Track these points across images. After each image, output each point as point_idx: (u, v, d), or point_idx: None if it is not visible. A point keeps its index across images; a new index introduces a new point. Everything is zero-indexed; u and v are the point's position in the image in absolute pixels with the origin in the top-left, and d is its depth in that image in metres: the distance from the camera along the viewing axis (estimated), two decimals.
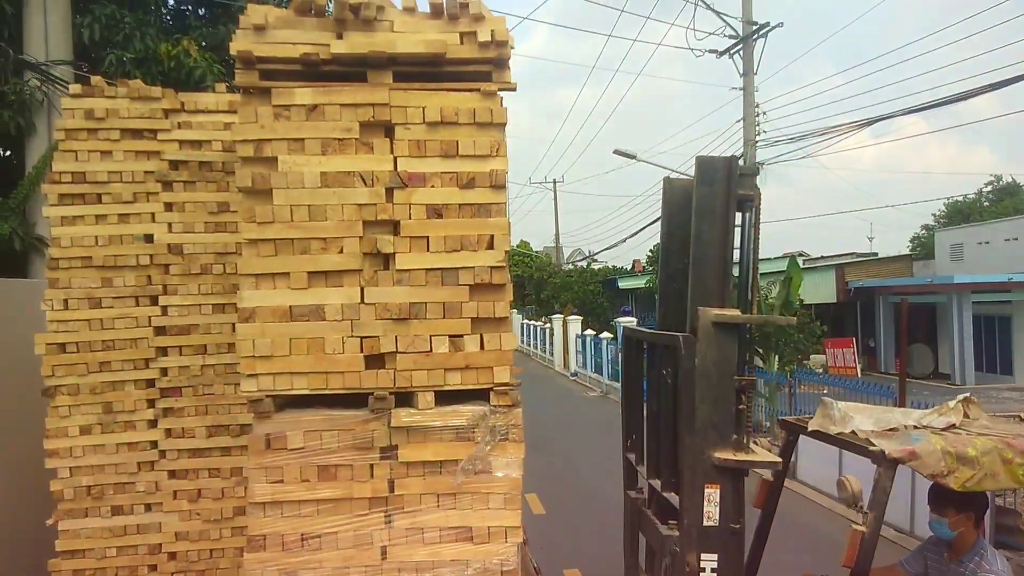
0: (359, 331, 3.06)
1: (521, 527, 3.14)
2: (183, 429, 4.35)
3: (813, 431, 3.44)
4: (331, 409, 3.08)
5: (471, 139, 3.14)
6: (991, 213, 36.93)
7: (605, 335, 22.58)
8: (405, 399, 3.10)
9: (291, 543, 3.00)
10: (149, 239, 4.37)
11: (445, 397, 3.12)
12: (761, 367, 14.71)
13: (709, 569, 3.31)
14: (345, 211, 3.06)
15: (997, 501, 7.05)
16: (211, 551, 4.36)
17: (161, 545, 4.32)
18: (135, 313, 4.32)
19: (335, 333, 3.05)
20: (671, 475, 3.55)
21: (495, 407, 3.11)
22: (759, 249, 3.64)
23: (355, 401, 3.08)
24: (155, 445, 4.33)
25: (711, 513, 3.32)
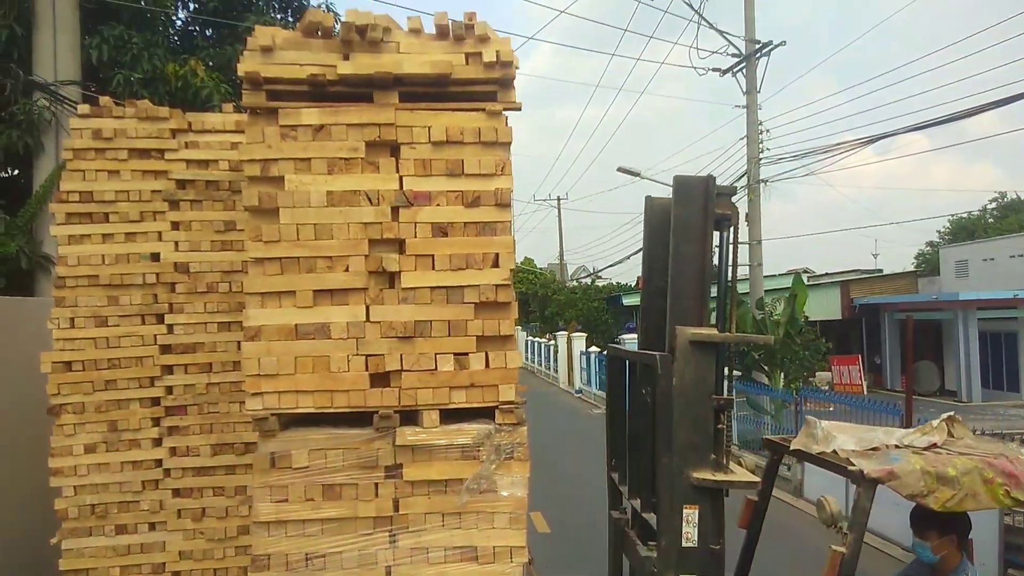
0: (364, 349, 3.06)
1: (526, 547, 3.12)
2: (188, 447, 4.34)
3: (795, 450, 3.42)
4: (336, 428, 3.07)
5: (476, 158, 3.16)
6: (996, 230, 36.87)
7: None
8: (410, 417, 3.10)
9: (295, 563, 2.98)
10: (156, 258, 4.39)
11: (450, 415, 3.11)
12: (767, 384, 14.66)
13: None
14: (351, 230, 3.08)
15: (1006, 520, 7.00)
16: (215, 570, 4.34)
17: (165, 564, 4.30)
18: (141, 331, 4.33)
19: (340, 351, 3.05)
20: (650, 495, 3.53)
21: (500, 425, 3.10)
22: (738, 268, 3.63)
23: (360, 420, 3.08)
24: (160, 463, 4.32)
25: (690, 534, 3.29)
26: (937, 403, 20.25)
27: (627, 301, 38.72)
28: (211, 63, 10.96)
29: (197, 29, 12.43)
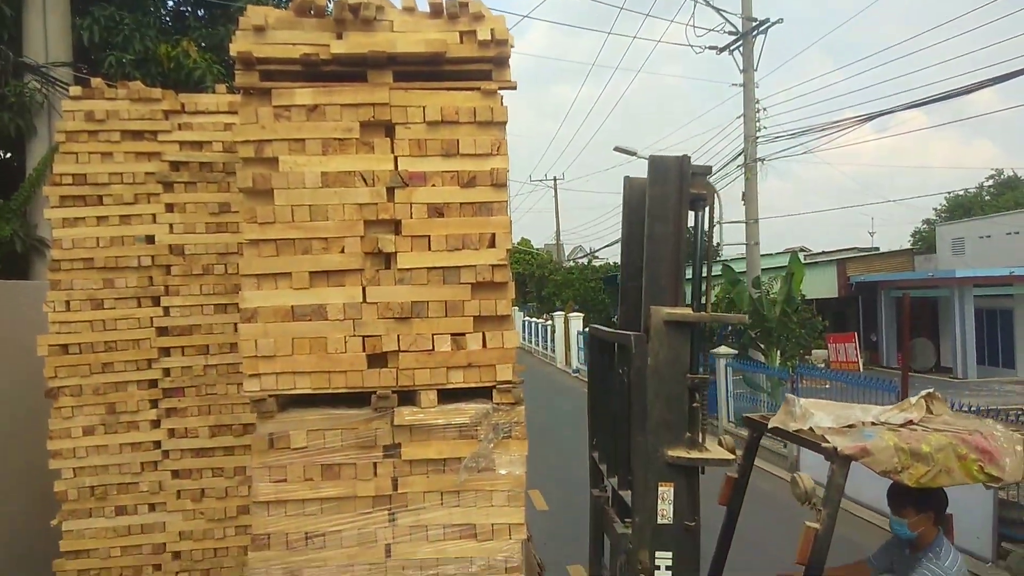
0: (361, 330, 3.06)
1: (524, 524, 3.15)
2: (186, 429, 4.36)
3: (773, 428, 3.44)
4: (334, 408, 3.08)
5: (472, 138, 3.14)
6: (992, 207, 36.92)
7: None
8: (408, 398, 3.11)
9: (295, 541, 3.01)
10: (150, 240, 4.38)
11: (448, 395, 3.12)
12: (763, 362, 14.72)
13: (664, 567, 3.30)
14: (346, 211, 3.07)
15: (1000, 495, 7.04)
16: (215, 550, 4.37)
17: (165, 544, 4.33)
18: (137, 314, 4.33)
19: (337, 332, 3.05)
20: (627, 473, 3.55)
21: (498, 405, 3.12)
22: (714, 247, 3.60)
23: (358, 400, 3.09)
24: (158, 445, 4.34)
25: (665, 511, 3.31)
26: (933, 380, 20.35)
27: None
28: (203, 43, 10.83)
29: (189, 9, 12.29)
